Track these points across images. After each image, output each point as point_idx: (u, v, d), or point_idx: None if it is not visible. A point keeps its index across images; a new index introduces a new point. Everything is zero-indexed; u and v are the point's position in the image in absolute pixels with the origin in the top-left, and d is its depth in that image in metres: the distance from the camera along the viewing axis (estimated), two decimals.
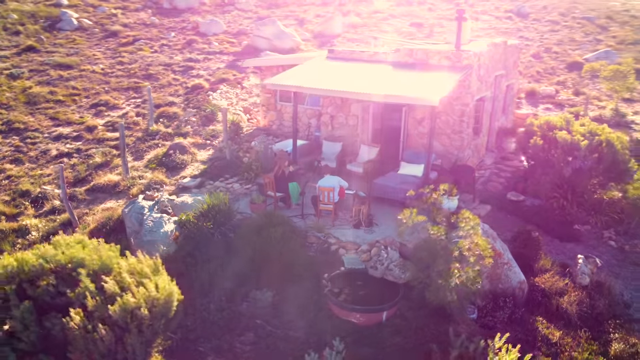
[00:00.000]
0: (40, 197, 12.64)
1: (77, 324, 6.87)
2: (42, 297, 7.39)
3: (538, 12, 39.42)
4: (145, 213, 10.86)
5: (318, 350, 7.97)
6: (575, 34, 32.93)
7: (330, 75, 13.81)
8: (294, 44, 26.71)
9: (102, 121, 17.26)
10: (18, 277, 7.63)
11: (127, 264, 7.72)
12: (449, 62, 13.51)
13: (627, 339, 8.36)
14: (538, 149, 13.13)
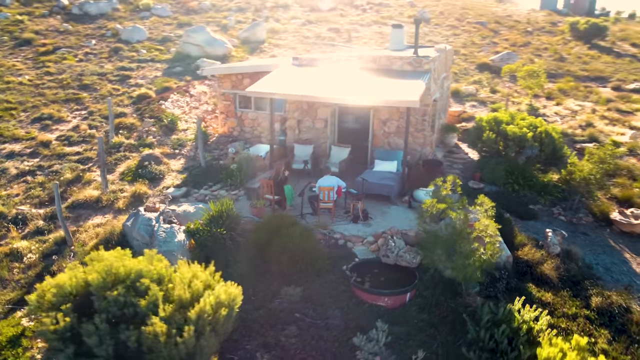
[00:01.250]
0: (19, 218, 12.01)
1: (160, 331, 7.10)
2: (110, 309, 7.45)
3: (437, 17, 42.90)
4: (154, 224, 10.91)
5: (362, 333, 8.83)
6: (474, 37, 36.55)
7: (305, 82, 14.58)
8: (226, 51, 26.91)
9: (53, 135, 16.46)
10: (75, 294, 7.64)
11: (188, 272, 8.01)
12: (411, 67, 14.94)
13: (602, 293, 10.22)
14: (491, 142, 14.99)
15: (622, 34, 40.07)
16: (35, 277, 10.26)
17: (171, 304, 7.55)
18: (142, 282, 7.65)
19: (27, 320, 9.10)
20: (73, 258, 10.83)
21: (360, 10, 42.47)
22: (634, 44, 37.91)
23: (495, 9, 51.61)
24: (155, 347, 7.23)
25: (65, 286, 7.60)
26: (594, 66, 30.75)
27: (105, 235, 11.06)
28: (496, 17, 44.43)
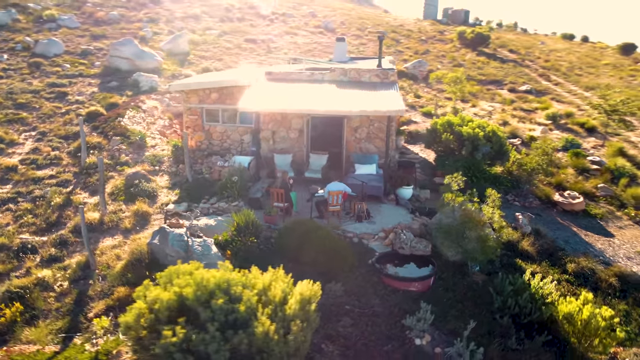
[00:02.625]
0: (28, 247, 11.57)
1: (271, 330, 7.85)
2: (217, 318, 7.98)
3: (340, 27, 45.49)
4: (186, 239, 11.26)
5: (407, 316, 10.20)
6: (385, 45, 39.48)
7: (287, 96, 15.54)
8: (157, 64, 26.56)
9: (14, 160, 15.57)
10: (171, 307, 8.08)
11: (266, 277, 8.78)
12: (379, 79, 16.58)
13: (573, 260, 12.64)
14: (449, 142, 17.16)
15: (499, 42, 45.78)
16: (73, 303, 10.14)
17: (265, 306, 8.28)
18: (234, 290, 8.28)
19: (91, 346, 9.12)
20: (103, 281, 10.81)
21: (268, 21, 43.57)
22: (511, 50, 43.61)
23: (387, 18, 55.80)
24: (266, 347, 7.93)
25: (171, 301, 7.98)
26: (487, 71, 35.09)
27: (133, 256, 11.13)
28: (391, 27, 48.20)
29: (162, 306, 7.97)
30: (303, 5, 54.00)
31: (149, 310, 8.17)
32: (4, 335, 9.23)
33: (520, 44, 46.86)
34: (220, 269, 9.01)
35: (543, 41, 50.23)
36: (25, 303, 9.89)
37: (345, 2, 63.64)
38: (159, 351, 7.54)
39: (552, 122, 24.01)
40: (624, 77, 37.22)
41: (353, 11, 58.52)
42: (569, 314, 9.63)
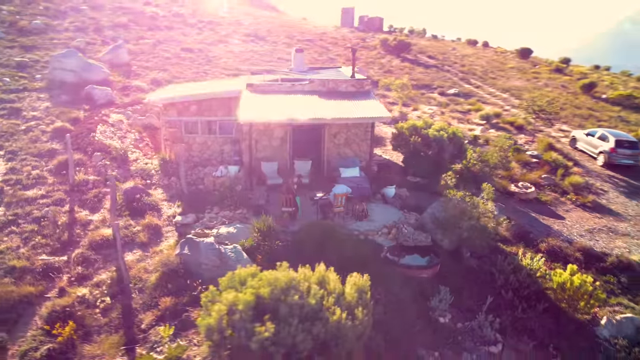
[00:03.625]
0: (51, 268, 11.53)
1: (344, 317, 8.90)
2: (294, 312, 8.88)
3: (269, 35, 46.37)
4: (217, 247, 11.87)
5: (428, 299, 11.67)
6: (315, 53, 41.08)
7: (275, 106, 16.38)
8: (104, 75, 25.96)
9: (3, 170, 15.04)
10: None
11: (317, 273, 9.80)
12: (355, 88, 17.97)
13: (543, 240, 14.84)
14: (417, 144, 18.95)
15: (417, 48, 49.20)
16: (121, 317, 10.43)
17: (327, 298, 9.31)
18: (302, 286, 9.23)
19: (156, 354, 9.55)
20: (141, 293, 11.15)
21: (197, 29, 43.44)
22: (430, 56, 47.13)
23: (307, 26, 57.48)
24: (339, 333, 8.96)
25: (251, 302, 8.75)
26: (415, 76, 37.86)
27: (165, 267, 11.53)
28: (316, 35, 49.91)
29: (246, 306, 8.70)
30: (227, 13, 54.19)
31: (228, 312, 8.85)
32: (65, 354, 9.36)
33: (436, 50, 50.68)
34: (278, 270, 9.85)
35: (454, 47, 54.63)
36: (74, 321, 10.00)
37: (250, 7, 64.40)
38: (255, 346, 8.29)
39: (486, 122, 26.86)
40: (530, 79, 41.87)
41: (275, 19, 59.62)
42: (562, 283, 11.60)
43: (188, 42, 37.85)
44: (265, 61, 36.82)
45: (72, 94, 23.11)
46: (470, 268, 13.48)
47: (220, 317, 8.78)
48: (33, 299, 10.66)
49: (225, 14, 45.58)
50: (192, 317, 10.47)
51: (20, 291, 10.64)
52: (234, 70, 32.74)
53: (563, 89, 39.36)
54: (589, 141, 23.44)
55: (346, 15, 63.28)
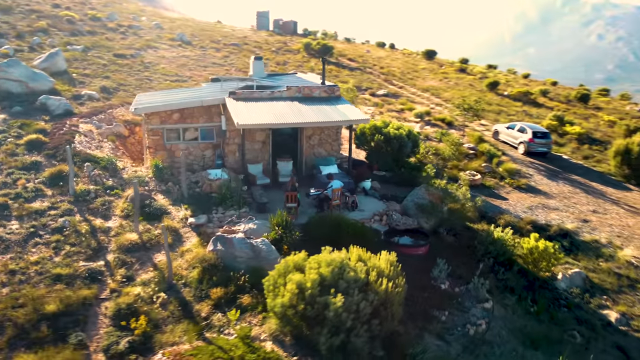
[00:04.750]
0: (94, 273, 12.26)
1: (388, 287, 10.91)
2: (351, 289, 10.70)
3: (194, 40, 46.58)
4: (249, 242, 13.27)
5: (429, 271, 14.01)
6: (246, 57, 42.18)
7: (263, 112, 17.82)
8: (50, 84, 25.43)
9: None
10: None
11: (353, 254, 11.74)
12: (327, 94, 19.91)
13: (501, 217, 17.85)
14: (380, 142, 21.34)
15: (336, 51, 52.03)
16: (180, 309, 11.54)
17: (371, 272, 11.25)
18: (351, 264, 11.10)
19: (226, 335, 10.88)
20: (187, 287, 12.29)
21: (120, 34, 42.67)
22: (350, 58, 50.18)
23: (225, 29, 58.14)
24: (388, 299, 10.94)
25: (316, 280, 10.43)
26: (343, 78, 40.51)
27: (205, 263, 12.72)
28: (239, 39, 50.90)
29: (313, 284, 10.38)
30: (142, 16, 53.30)
31: (298, 290, 10.46)
32: (144, 344, 10.37)
33: (353, 53, 53.91)
34: (323, 253, 11.59)
35: (368, 49, 58.33)
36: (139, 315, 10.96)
37: (152, 8, 63.80)
38: (331, 314, 10.01)
39: (420, 119, 30.07)
40: (442, 79, 46.40)
41: (190, 22, 59.53)
42: (531, 248, 14.51)
43: (117, 48, 37.27)
44: (201, 66, 37.45)
45: (25, 105, 22.60)
46: (449, 244, 16.06)
47: (292, 295, 10.36)
48: (92, 301, 11.38)
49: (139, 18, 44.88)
50: (243, 303, 11.83)
51: (78, 295, 11.31)
52: (175, 77, 33.14)
53: (471, 87, 44.19)
54: (510, 133, 27.42)
55: (261, 19, 64.63)
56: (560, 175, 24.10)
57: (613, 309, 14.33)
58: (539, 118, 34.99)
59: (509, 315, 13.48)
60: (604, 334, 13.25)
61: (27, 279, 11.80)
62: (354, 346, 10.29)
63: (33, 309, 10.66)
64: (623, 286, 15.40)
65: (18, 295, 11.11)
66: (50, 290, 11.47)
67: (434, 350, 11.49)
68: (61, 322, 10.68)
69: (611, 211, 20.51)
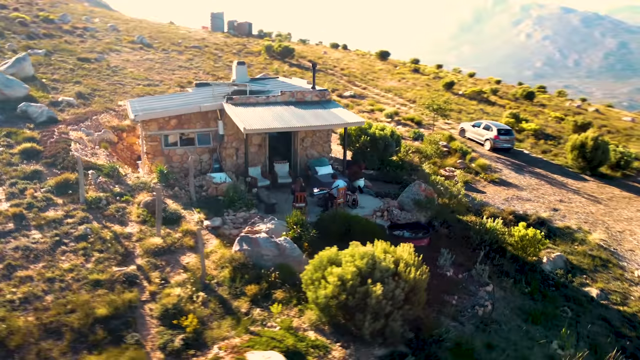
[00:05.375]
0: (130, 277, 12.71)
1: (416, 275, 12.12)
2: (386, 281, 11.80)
3: (153, 42, 46.12)
4: (273, 240, 14.08)
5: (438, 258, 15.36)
6: (210, 60, 42.35)
7: (263, 116, 18.55)
8: (25, 91, 24.91)
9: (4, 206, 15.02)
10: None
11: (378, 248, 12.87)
12: (318, 98, 20.89)
13: (486, 209, 19.50)
14: (367, 142, 22.57)
15: (295, 53, 52.90)
16: (220, 306, 12.23)
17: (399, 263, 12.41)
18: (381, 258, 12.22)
19: (270, 327, 11.70)
20: (221, 286, 12.98)
21: (77, 37, 41.70)
22: (310, 60, 51.20)
23: (180, 31, 57.67)
24: (416, 285, 12.13)
25: (355, 272, 11.47)
26: (308, 80, 41.47)
27: (235, 262, 13.44)
28: (198, 41, 50.77)
29: (353, 275, 11.40)
30: (94, 17, 52.02)
31: (340, 282, 11.44)
32: (197, 340, 11.03)
33: (311, 54, 55.00)
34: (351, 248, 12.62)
35: (325, 51, 59.59)
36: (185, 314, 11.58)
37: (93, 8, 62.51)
38: (373, 302, 11.07)
39: (390, 119, 31.60)
40: (400, 80, 48.38)
41: (144, 23, 58.57)
42: (522, 235, 16.17)
43: (79, 52, 36.50)
44: (168, 70, 37.36)
45: (5, 113, 22.14)
46: (445, 235, 17.49)
47: (335, 287, 11.33)
48: (136, 303, 11.85)
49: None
50: (278, 298, 12.67)
51: (122, 298, 11.75)
52: (146, 81, 32.98)
53: (428, 87, 46.42)
54: (476, 131, 29.44)
55: (216, 20, 64.44)
56: (525, 169, 26.27)
57: (593, 286, 16.24)
58: (495, 116, 37.46)
59: (508, 296, 15.02)
60: (590, 308, 15.07)
61: (67, 286, 12.08)
62: (392, 329, 11.41)
63: (85, 314, 11.02)
64: (597, 266, 17.40)
65: (65, 302, 11.42)
66: (94, 295, 11.83)
67: (452, 331, 12.76)
68: (112, 325, 11.11)
69: (575, 200, 22.73)
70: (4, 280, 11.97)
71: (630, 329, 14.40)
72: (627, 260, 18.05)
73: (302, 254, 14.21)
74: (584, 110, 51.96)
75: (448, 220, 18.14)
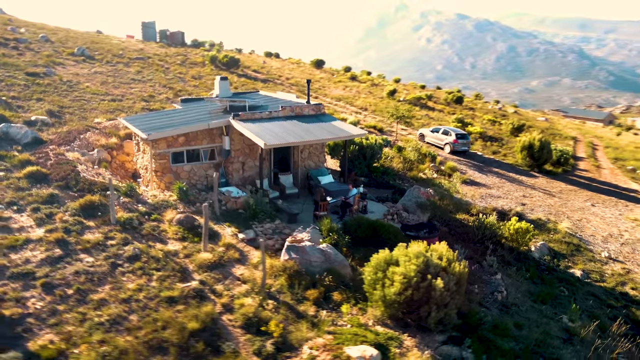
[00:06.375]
0: (200, 291, 13.32)
1: (462, 269, 13.94)
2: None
3: (94, 53, 44.68)
4: (319, 247, 15.25)
5: None
6: (161, 72, 41.86)
7: (274, 130, 19.54)
8: None
9: (40, 231, 14.91)
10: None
11: (424, 247, 14.58)
12: (314, 112, 22.19)
13: (473, 207, 21.82)
14: (355, 151, 24.19)
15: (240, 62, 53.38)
16: (289, 311, 13.25)
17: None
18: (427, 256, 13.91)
19: (339, 326, 12.93)
20: (281, 294, 13.98)
21: (13, 49, 39.56)
22: (255, 70, 51.97)
23: (113, 41, 56.00)
24: (461, 277, 13.89)
25: (416, 269, 13.03)
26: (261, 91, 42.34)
27: (289, 270, 14.47)
28: (137, 51, 49.76)
29: (416, 272, 12.96)
30: (20, 27, 49.16)
31: (406, 280, 12.94)
32: (284, 343, 12.01)
33: (252, 64, 55.73)
34: (398, 249, 14.16)
35: (265, 60, 60.48)
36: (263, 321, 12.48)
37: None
38: (437, 294, 12.66)
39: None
40: (344, 88, 50.56)
41: (72, 33, 56.07)
42: (517, 228, 18.57)
43: (23, 67, 34.80)
44: (123, 83, 36.65)
45: None
46: (446, 232, 19.52)
47: (401, 285, 12.79)
48: (215, 315, 12.54)
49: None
50: (337, 299, 13.89)
51: (204, 312, 12.40)
52: (108, 96, 32.28)
53: (372, 95, 49.04)
54: (435, 136, 32.13)
55: (147, 30, 63.09)
56: (485, 169, 29.25)
57: (575, 268, 19.01)
58: (440, 121, 40.68)
59: (514, 282, 17.29)
60: (579, 287, 17.74)
61: (145, 305, 12.49)
62: (449, 317, 13.08)
63: (179, 329, 11.59)
64: (572, 250, 20.29)
65: (152, 319, 11.88)
66: (175, 311, 12.36)
67: (485, 315, 14.69)
68: (203, 337, 11.76)
69: (534, 195, 25.89)
70: (81, 305, 12.14)
71: (614, 300, 17.21)
72: (592, 245, 21.17)
73: (345, 258, 15.49)
74: (505, 111, 57.29)
75: (446, 219, 20.19)
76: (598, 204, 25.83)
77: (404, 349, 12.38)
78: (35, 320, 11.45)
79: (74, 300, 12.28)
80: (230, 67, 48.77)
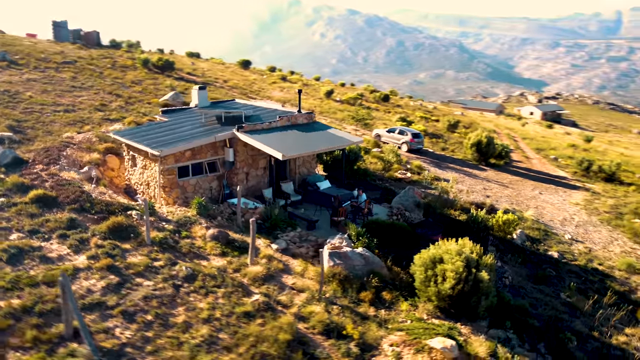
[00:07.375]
0: (258, 304, 13.90)
1: (491, 262, 15.87)
2: None
3: (15, 57, 41.36)
4: (359, 252, 16.34)
5: None
6: (97, 77, 39.79)
7: (283, 141, 20.15)
8: None
9: (81, 257, 14.52)
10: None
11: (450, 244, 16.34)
12: (306, 120, 23.06)
13: (458, 203, 24.00)
14: (338, 156, 25.37)
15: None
16: (352, 314, 14.30)
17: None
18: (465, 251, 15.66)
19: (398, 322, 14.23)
20: (336, 297, 14.97)
21: None
22: (189, 73, 50.88)
23: (26, 42, 51.88)
24: (491, 269, 15.78)
25: (462, 265, 14.68)
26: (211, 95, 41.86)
27: (339, 276, 15.45)
28: (62, 55, 46.65)
29: (463, 267, 14.59)
30: None
31: (457, 275, 14.51)
32: (364, 344, 13.06)
33: (182, 65, 54.41)
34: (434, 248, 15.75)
35: (193, 62, 59.21)
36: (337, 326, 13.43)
37: None
38: (485, 286, 14.39)
39: None
40: (283, 90, 51.22)
41: None
42: (504, 220, 20.98)
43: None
44: (66, 91, 34.63)
45: None
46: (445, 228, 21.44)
47: (453, 280, 14.34)
48: (294, 325, 13.21)
49: None
50: (387, 298, 15.14)
51: (285, 322, 13.01)
52: (59, 106, 30.39)
53: (311, 96, 50.28)
54: (392, 136, 34.24)
55: (59, 29, 59.02)
56: (443, 165, 31.86)
57: (551, 250, 21.87)
58: (382, 120, 43.02)
59: (510, 267, 19.63)
60: (560, 266, 20.52)
61: (228, 322, 12.83)
62: (492, 305, 14.87)
63: (274, 342, 12.18)
64: (543, 235, 23.22)
65: (242, 335, 12.32)
66: (257, 324, 12.86)
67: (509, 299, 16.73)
68: (294, 347, 12.45)
69: (492, 187, 28.85)
70: (168, 329, 12.23)
71: (591, 276, 20.20)
72: (554, 229, 24.33)
73: (380, 260, 16.71)
74: (425, 107, 61.42)
75: (439, 216, 22.13)
76: (544, 192, 29.40)
77: (464, 336, 13.93)
78: (134, 349, 11.42)
79: (158, 325, 12.32)
80: (165, 71, 47.40)
